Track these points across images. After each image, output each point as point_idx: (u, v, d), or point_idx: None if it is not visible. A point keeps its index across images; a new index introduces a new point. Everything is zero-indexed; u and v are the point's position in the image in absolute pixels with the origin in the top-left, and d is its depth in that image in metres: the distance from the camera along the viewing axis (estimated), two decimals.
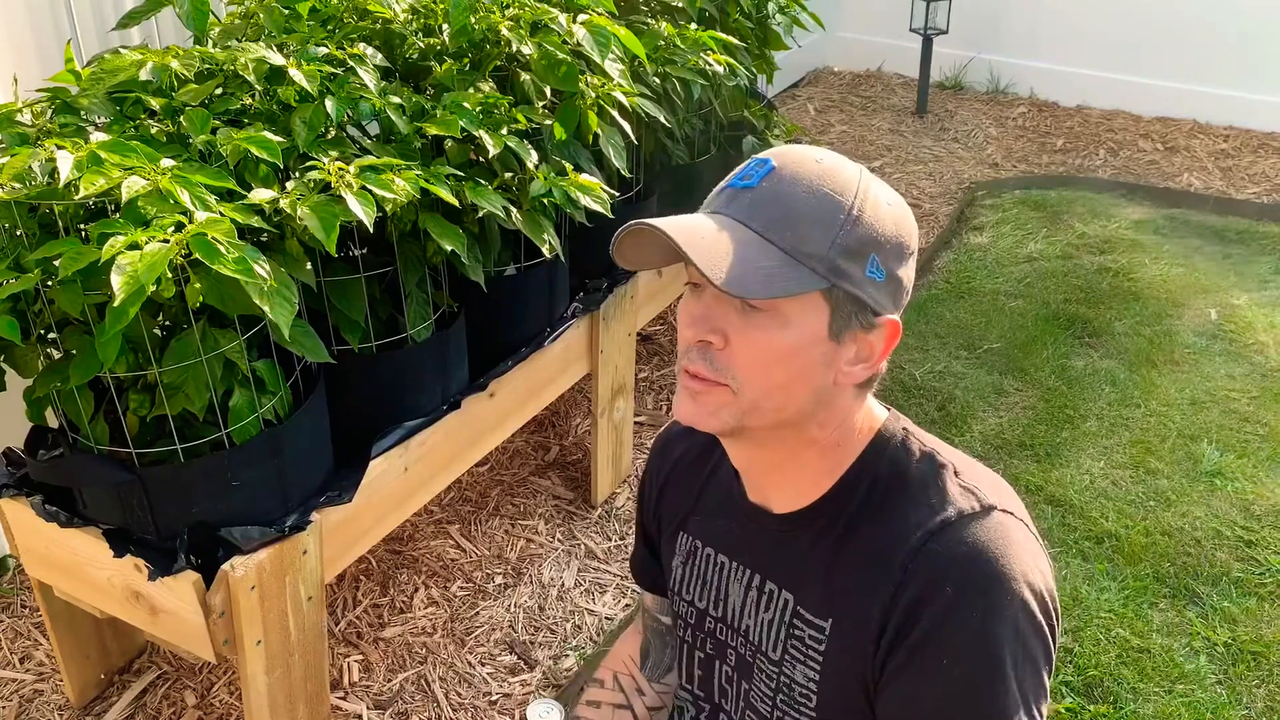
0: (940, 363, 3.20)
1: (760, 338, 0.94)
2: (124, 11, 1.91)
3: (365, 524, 1.85)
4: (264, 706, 1.72)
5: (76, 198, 1.34)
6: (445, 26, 1.96)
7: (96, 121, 1.61)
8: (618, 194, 2.06)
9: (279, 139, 1.52)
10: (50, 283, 1.41)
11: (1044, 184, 4.41)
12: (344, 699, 2.09)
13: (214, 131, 1.54)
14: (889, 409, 1.08)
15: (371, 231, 1.53)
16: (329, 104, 1.63)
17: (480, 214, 1.78)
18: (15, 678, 2.11)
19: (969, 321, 3.42)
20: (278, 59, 1.65)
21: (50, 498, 1.66)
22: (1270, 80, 4.74)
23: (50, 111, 1.62)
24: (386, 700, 2.10)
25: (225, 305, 1.43)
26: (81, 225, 1.49)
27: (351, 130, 1.75)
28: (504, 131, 1.79)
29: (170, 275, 1.31)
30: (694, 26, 2.40)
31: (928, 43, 4.91)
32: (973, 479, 1.01)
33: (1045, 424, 2.91)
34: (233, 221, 1.34)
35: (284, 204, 1.45)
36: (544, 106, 1.97)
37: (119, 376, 1.51)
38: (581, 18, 1.95)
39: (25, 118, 1.61)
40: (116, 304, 1.23)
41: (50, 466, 1.64)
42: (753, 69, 2.76)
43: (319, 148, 1.61)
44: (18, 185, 1.43)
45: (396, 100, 1.73)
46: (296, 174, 1.56)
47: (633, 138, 2.07)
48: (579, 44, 1.91)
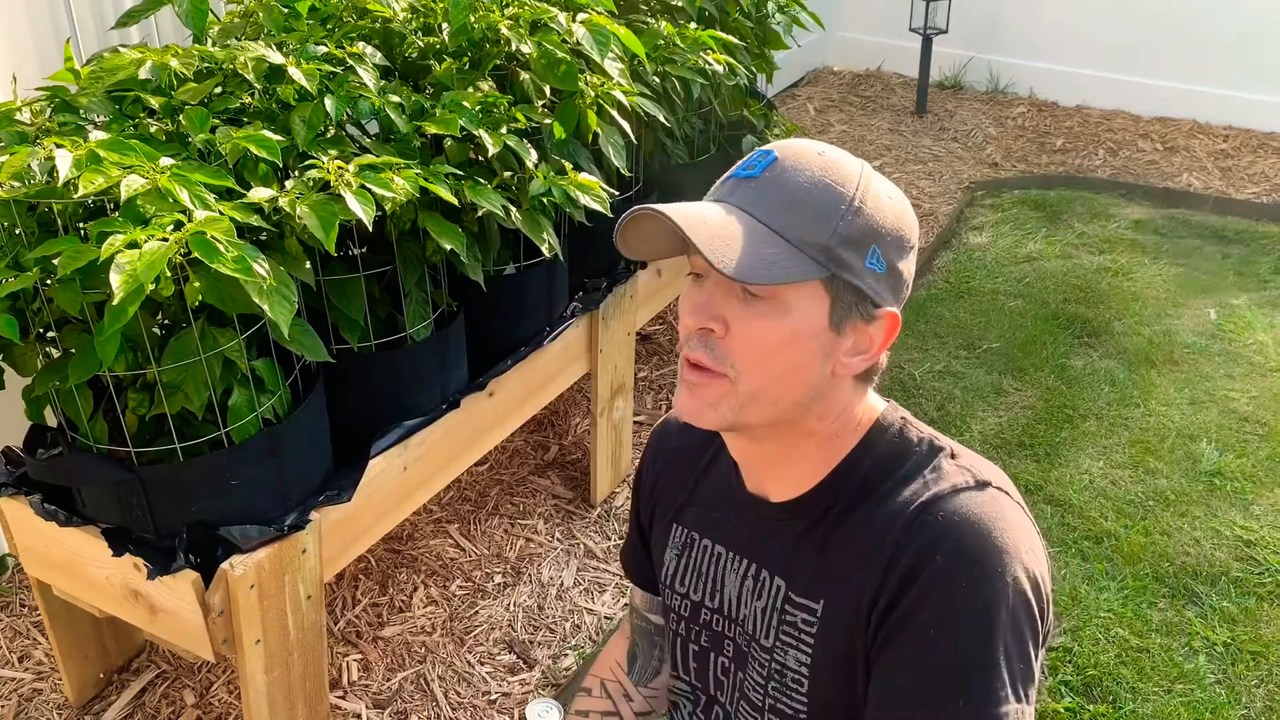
0: (940, 362, 3.20)
1: (761, 325, 0.94)
2: (123, 10, 1.91)
3: (364, 523, 1.85)
4: (263, 705, 1.72)
5: (75, 196, 1.34)
6: (445, 25, 1.96)
7: (95, 120, 1.61)
8: (617, 193, 2.06)
9: (278, 138, 1.52)
10: (49, 281, 1.41)
11: (1043, 184, 4.41)
12: (343, 698, 2.09)
13: (213, 130, 1.54)
14: (888, 400, 1.08)
15: (371, 230, 1.53)
16: (328, 103, 1.63)
17: (479, 213, 1.78)
18: (14, 677, 2.11)
19: (968, 321, 3.42)
20: (277, 58, 1.65)
21: (49, 496, 1.66)
22: (1270, 80, 4.74)
23: (49, 110, 1.62)
24: (385, 699, 2.10)
25: (224, 304, 1.43)
26: (80, 224, 1.49)
27: (351, 129, 1.75)
28: (503, 130, 1.80)
29: (169, 274, 1.31)
30: (694, 26, 2.40)
31: (927, 42, 4.91)
32: (969, 462, 1.01)
33: (1044, 424, 2.91)
34: (232, 220, 1.34)
35: (283, 203, 1.45)
36: (543, 105, 1.97)
37: (118, 375, 1.51)
38: (581, 17, 1.95)
39: (24, 116, 1.60)
40: (115, 303, 1.23)
41: (49, 465, 1.64)
42: (752, 68, 2.76)
43: (318, 146, 1.61)
44: (17, 184, 1.43)
45: (396, 99, 1.73)
46: (296, 173, 1.56)
47: (632, 137, 2.07)
48: (578, 43, 1.91)
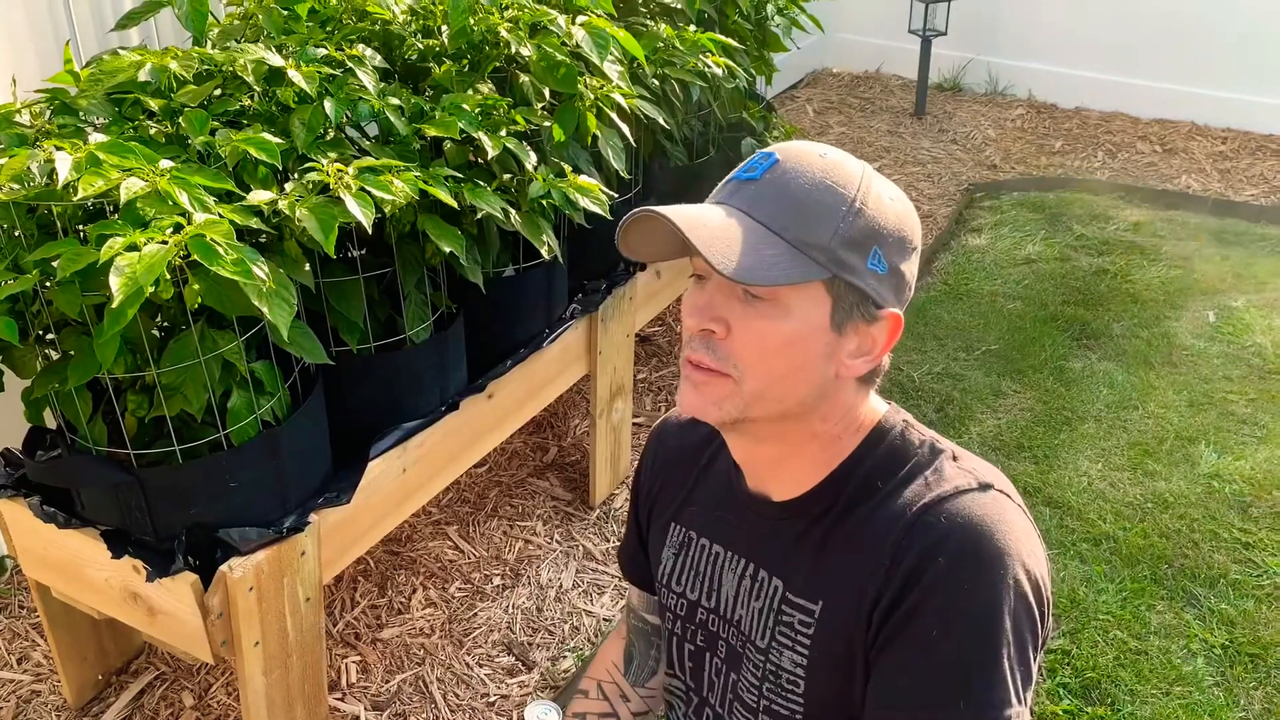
0: (938, 364, 3.20)
1: (762, 327, 0.94)
2: (123, 13, 1.91)
3: (363, 525, 1.85)
4: (262, 707, 1.72)
5: (75, 199, 1.34)
6: (444, 28, 1.96)
7: (95, 122, 1.61)
8: (616, 195, 2.06)
9: (278, 140, 1.52)
10: (49, 284, 1.41)
11: (1042, 186, 4.42)
12: (342, 700, 2.09)
13: (213, 133, 1.55)
14: (889, 403, 1.08)
15: (370, 233, 1.54)
16: (328, 105, 1.63)
17: (479, 215, 1.79)
18: (13, 678, 2.11)
19: (967, 323, 3.42)
20: (276, 60, 1.66)
21: (48, 498, 1.66)
22: (1268, 82, 4.75)
23: (49, 112, 1.62)
24: (384, 701, 2.10)
25: (224, 306, 1.43)
26: (80, 226, 1.49)
27: (350, 131, 1.75)
28: (503, 133, 1.80)
29: (169, 276, 1.31)
30: (693, 28, 2.40)
31: (926, 44, 4.92)
32: (970, 465, 1.02)
33: (1043, 426, 2.91)
34: (231, 223, 1.34)
35: (282, 205, 1.45)
36: (543, 108, 1.97)
37: (117, 377, 1.51)
38: (580, 19, 1.95)
39: (24, 119, 1.61)
40: (115, 305, 1.23)
41: (48, 467, 1.64)
42: (751, 70, 2.76)
43: (318, 149, 1.61)
44: (16, 186, 1.43)
45: (395, 101, 1.73)
46: (295, 175, 1.56)
47: (631, 139, 2.07)
48: (578, 46, 1.91)
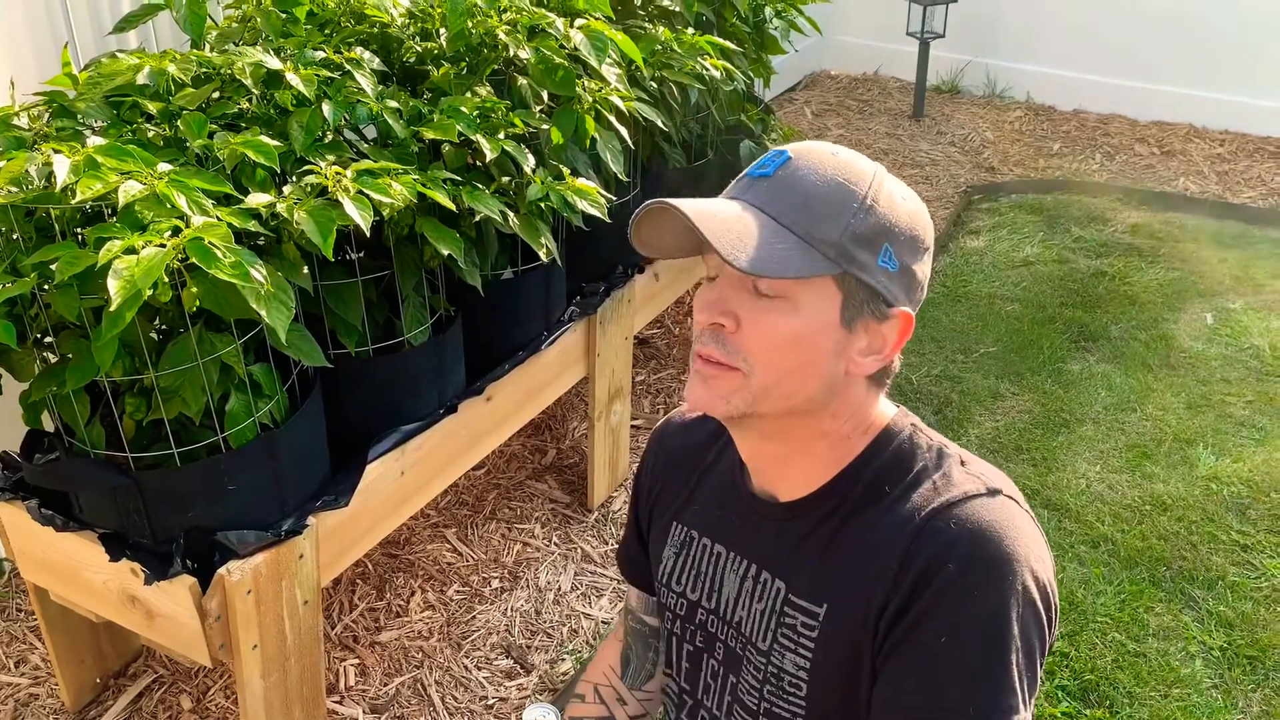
0: (937, 366, 3.20)
1: (772, 321, 0.95)
2: (121, 15, 1.91)
3: (361, 528, 1.85)
4: (260, 711, 1.71)
5: (73, 202, 1.34)
6: (442, 31, 1.96)
7: (93, 125, 1.61)
8: (614, 198, 2.06)
9: (276, 143, 1.52)
10: (47, 287, 1.41)
11: (1040, 188, 4.42)
12: (340, 703, 2.09)
13: (211, 136, 1.55)
14: (898, 406, 1.08)
15: (368, 235, 1.53)
16: (326, 108, 1.63)
17: (477, 218, 1.79)
18: (11, 682, 2.11)
19: (965, 325, 3.42)
20: (275, 63, 1.66)
21: (46, 501, 1.66)
22: (1266, 84, 4.75)
23: (47, 115, 1.62)
24: (383, 704, 2.09)
25: (222, 309, 1.43)
26: (78, 229, 1.50)
27: (348, 134, 1.75)
28: (501, 136, 1.80)
29: (167, 279, 1.31)
30: (691, 31, 2.40)
31: (925, 46, 4.92)
32: (978, 470, 1.02)
33: (1041, 428, 2.92)
34: (229, 226, 1.34)
35: (281, 208, 1.45)
36: (541, 111, 1.97)
37: (115, 380, 1.51)
38: (579, 22, 1.95)
39: (22, 121, 1.61)
40: (113, 308, 1.23)
41: (46, 470, 1.64)
42: (749, 73, 2.77)
43: (316, 152, 1.61)
44: (14, 189, 1.43)
45: (394, 104, 1.73)
46: (293, 178, 1.56)
47: (630, 142, 2.07)
48: (576, 48, 1.91)
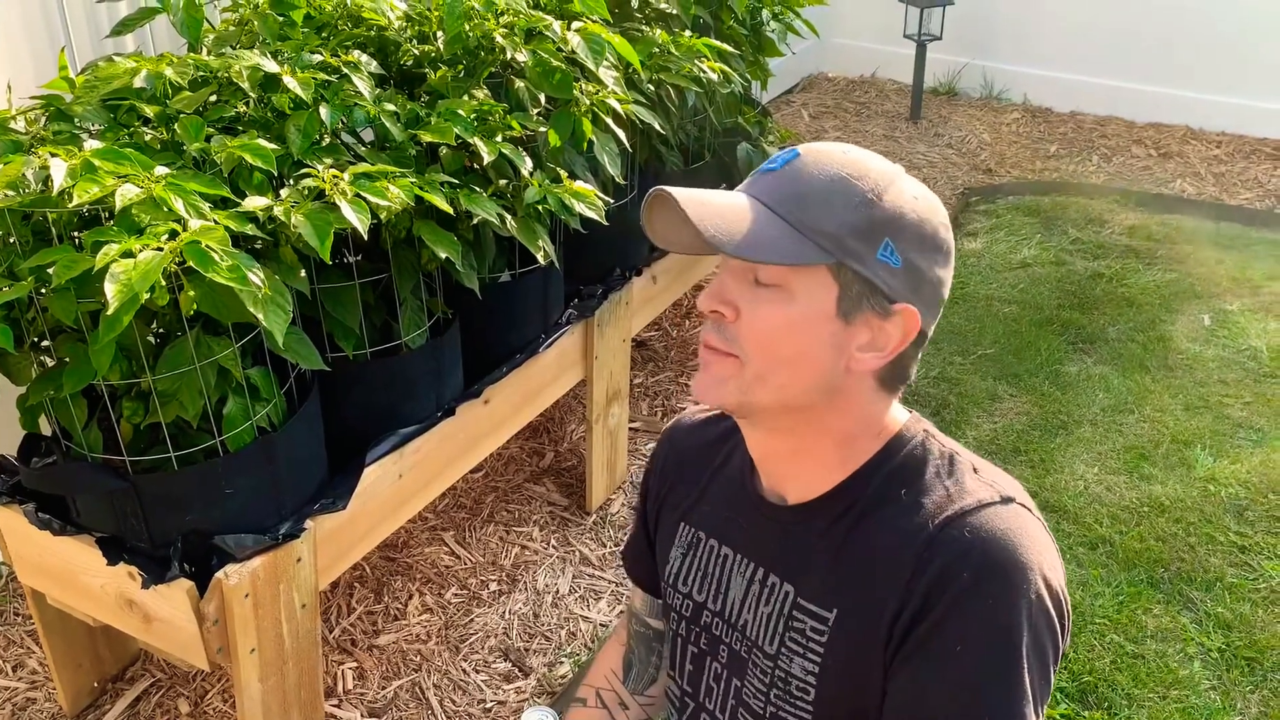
0: (934, 368, 3.20)
1: (768, 310, 0.96)
2: (118, 19, 1.91)
3: (359, 531, 1.84)
4: (258, 714, 1.71)
5: (70, 205, 1.34)
6: (440, 33, 1.96)
7: (90, 129, 1.61)
8: (612, 201, 2.06)
9: (273, 146, 1.52)
10: (44, 290, 1.41)
11: (1038, 189, 4.42)
12: (338, 707, 2.08)
13: (208, 139, 1.55)
14: (911, 412, 1.08)
15: (366, 239, 1.53)
16: (323, 111, 1.63)
17: (475, 221, 1.79)
18: (8, 686, 2.10)
19: (963, 327, 3.43)
20: (272, 66, 1.66)
21: (43, 505, 1.66)
22: (1263, 86, 4.76)
23: (44, 119, 1.62)
24: (381, 708, 2.09)
25: (219, 313, 1.43)
26: (75, 233, 1.49)
27: (346, 137, 1.75)
28: (499, 138, 1.80)
29: (164, 283, 1.31)
30: (688, 34, 2.41)
31: (922, 49, 4.93)
32: (991, 477, 1.02)
33: (1039, 429, 2.92)
34: (227, 229, 1.34)
35: (278, 212, 1.45)
36: (539, 113, 1.97)
37: (113, 384, 1.51)
38: (576, 25, 1.95)
39: (19, 125, 1.61)
40: (110, 312, 1.23)
41: (43, 474, 1.64)
42: (747, 76, 2.77)
43: (313, 155, 1.61)
44: (11, 193, 1.43)
45: (391, 107, 1.73)
46: (291, 181, 1.56)
47: (627, 145, 2.07)
48: (573, 51, 1.91)
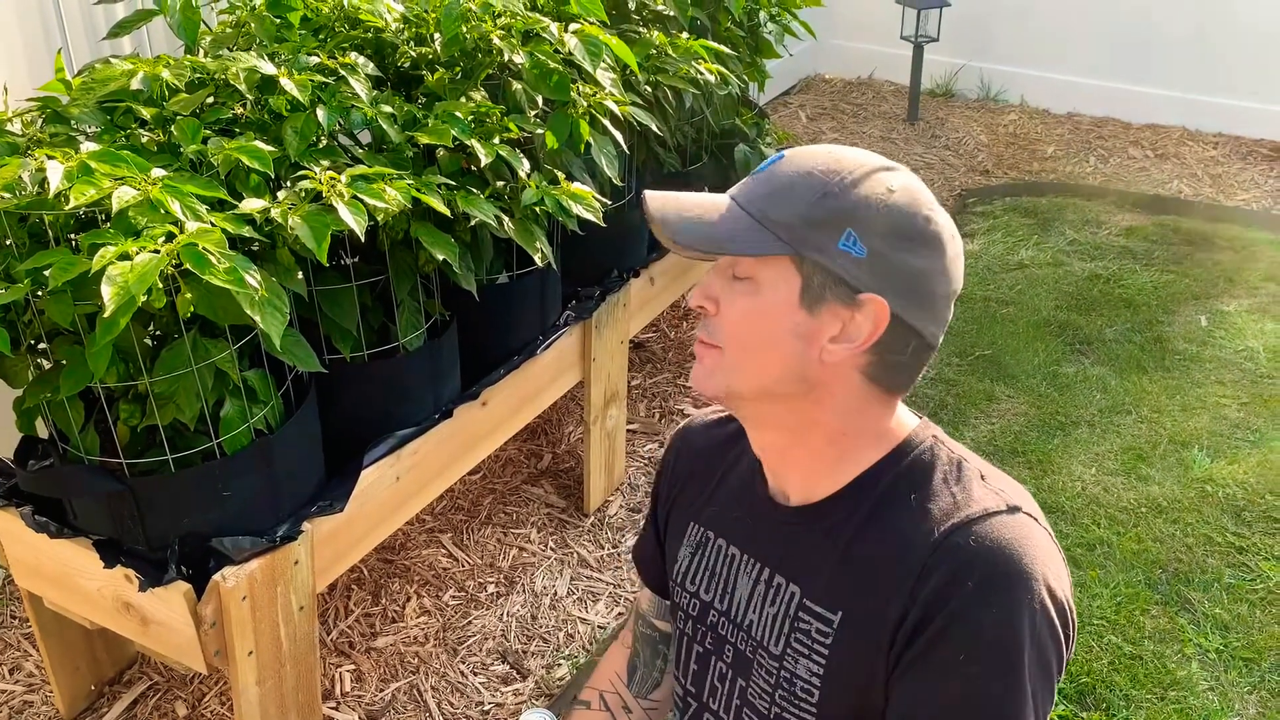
0: (932, 369, 3.20)
1: (740, 302, 0.99)
2: (115, 21, 1.90)
3: (357, 533, 1.84)
4: (256, 717, 1.71)
5: (67, 208, 1.34)
6: (437, 35, 1.96)
7: (87, 131, 1.61)
8: (610, 202, 2.06)
9: (270, 148, 1.52)
10: (40, 293, 1.41)
11: (1035, 191, 4.43)
12: (336, 709, 2.08)
13: (205, 141, 1.54)
14: (921, 417, 1.08)
15: (363, 240, 1.53)
16: (320, 113, 1.63)
17: (472, 223, 1.78)
18: (5, 689, 2.10)
19: (960, 328, 3.43)
20: (269, 68, 1.65)
21: (40, 508, 1.65)
22: (1260, 87, 4.77)
23: (40, 121, 1.62)
24: (379, 710, 2.09)
25: (216, 315, 1.43)
26: (72, 235, 1.49)
27: (343, 139, 1.75)
28: (496, 140, 1.79)
29: (161, 285, 1.31)
30: (685, 35, 2.41)
31: (919, 50, 4.93)
32: (999, 485, 1.02)
33: (1037, 430, 2.92)
34: (224, 231, 1.34)
35: (275, 214, 1.45)
36: (536, 115, 1.97)
37: (109, 387, 1.51)
38: (573, 27, 1.95)
39: (15, 127, 1.60)
40: (107, 314, 1.22)
41: (40, 477, 1.64)
42: (744, 77, 2.77)
43: (310, 157, 1.61)
44: (7, 195, 1.43)
45: (388, 109, 1.73)
46: (288, 183, 1.56)
47: (625, 146, 2.07)
48: (571, 53, 1.91)
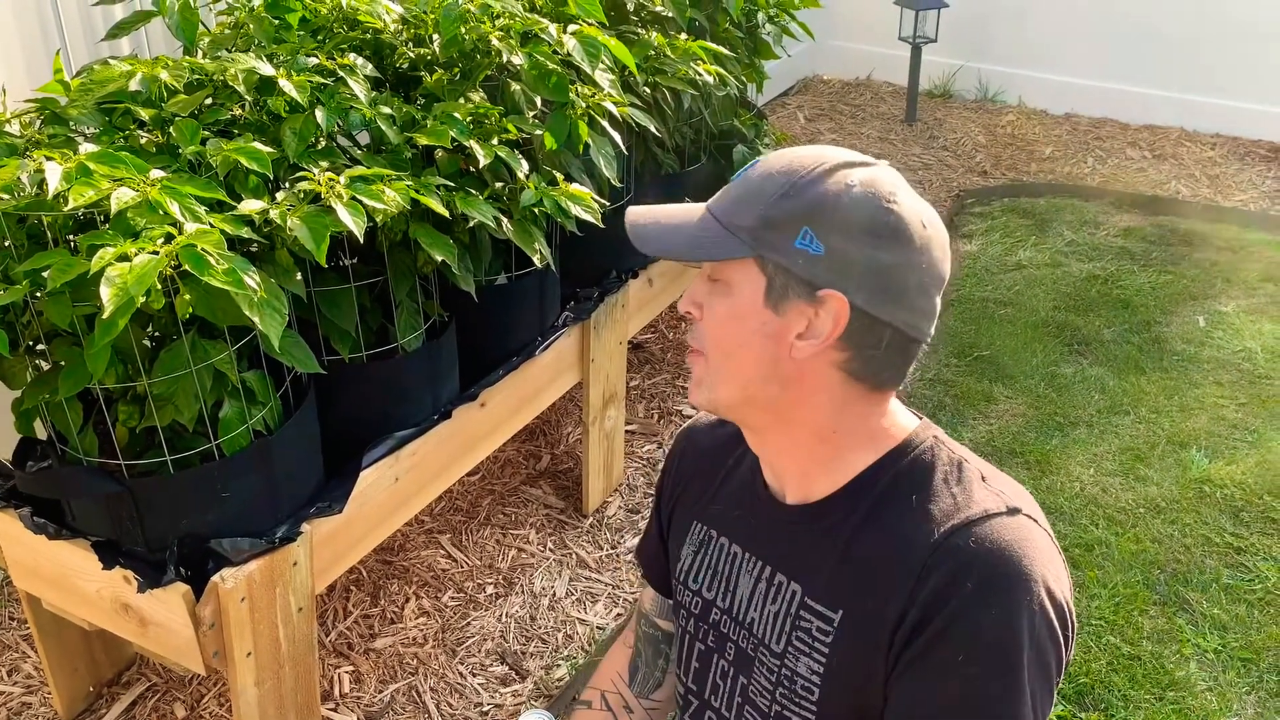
0: (930, 370, 3.21)
1: (717, 306, 1.02)
2: (113, 22, 1.90)
3: (356, 534, 1.84)
4: (254, 718, 1.71)
5: (65, 209, 1.34)
6: (435, 36, 1.96)
7: (85, 132, 1.61)
8: (608, 203, 2.06)
9: (269, 149, 1.52)
10: (39, 294, 1.41)
11: (1032, 192, 4.43)
12: (335, 710, 2.08)
13: (204, 142, 1.54)
14: (921, 417, 1.08)
15: (362, 241, 1.53)
16: (319, 114, 1.63)
17: (471, 224, 1.78)
18: (3, 690, 2.10)
19: (959, 329, 3.43)
20: (268, 69, 1.65)
21: (39, 509, 1.65)
22: (1257, 88, 4.77)
23: (39, 122, 1.62)
24: (377, 711, 2.09)
25: (215, 316, 1.43)
26: (70, 236, 1.49)
27: (342, 140, 1.75)
28: (494, 141, 1.80)
29: (160, 287, 1.31)
30: (684, 36, 2.41)
31: (917, 51, 4.93)
32: (999, 486, 1.02)
33: (1035, 431, 2.92)
34: (222, 232, 1.34)
35: (274, 215, 1.45)
36: (534, 116, 1.97)
37: (108, 388, 1.51)
38: (572, 28, 1.95)
39: (14, 128, 1.60)
40: (106, 316, 1.22)
41: (39, 478, 1.64)
42: (742, 78, 2.77)
43: (309, 158, 1.61)
44: (6, 196, 1.43)
45: (387, 110, 1.73)
46: (286, 184, 1.56)
47: (623, 147, 2.07)
48: (569, 54, 1.91)
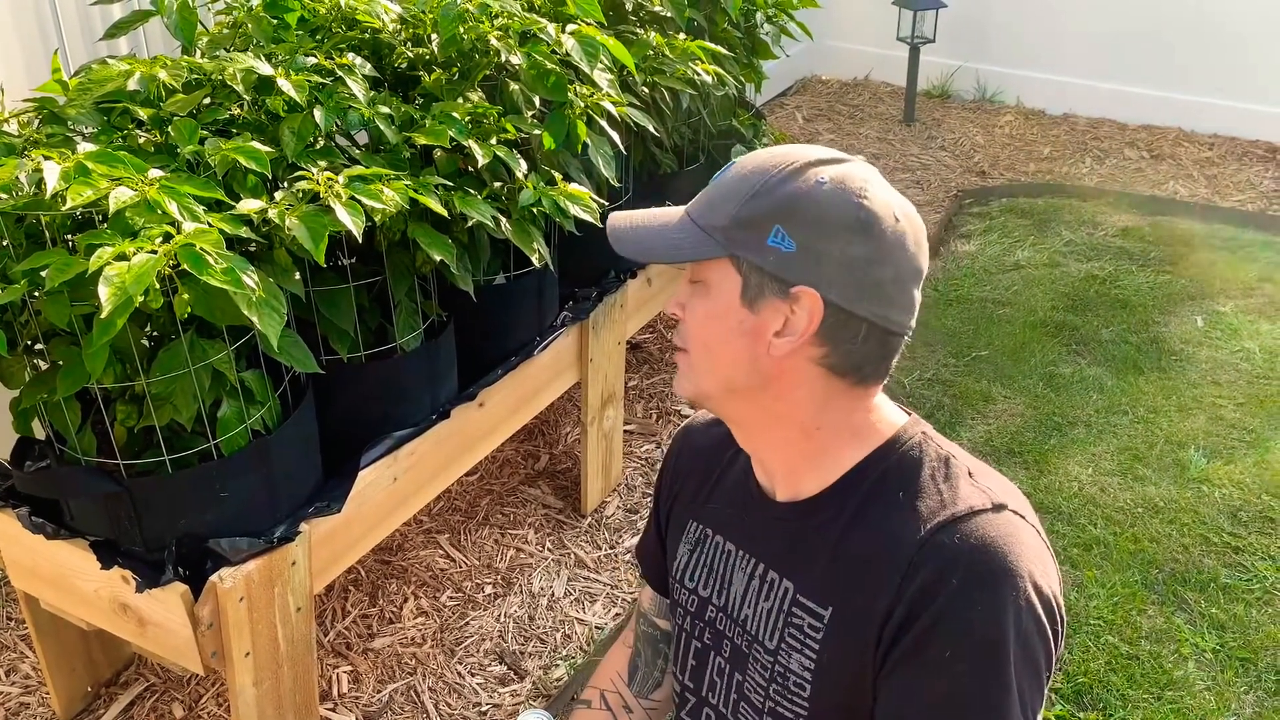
0: (929, 370, 3.21)
1: (698, 306, 1.05)
2: (112, 21, 1.90)
3: (354, 534, 1.84)
4: (253, 718, 1.71)
5: (64, 208, 1.34)
6: (434, 36, 1.96)
7: (84, 132, 1.61)
8: (607, 203, 2.07)
9: (267, 149, 1.52)
10: (37, 294, 1.41)
11: (1031, 192, 4.44)
12: (333, 710, 2.08)
13: (202, 142, 1.54)
14: (909, 413, 1.08)
15: (360, 241, 1.53)
16: (317, 114, 1.63)
17: (469, 223, 1.78)
18: (1, 690, 2.09)
19: (957, 329, 3.43)
20: (266, 69, 1.65)
21: (37, 509, 1.65)
22: (1255, 88, 4.77)
23: (37, 121, 1.61)
24: (376, 711, 2.09)
25: (213, 316, 1.43)
26: (69, 236, 1.49)
27: (340, 140, 1.75)
28: (493, 141, 1.80)
29: (158, 286, 1.31)
30: (682, 36, 2.41)
31: (915, 51, 4.94)
32: (987, 483, 1.02)
33: (1033, 431, 2.92)
34: (221, 232, 1.34)
35: (272, 214, 1.45)
36: (533, 116, 1.97)
37: (106, 388, 1.51)
38: (570, 28, 1.95)
39: (12, 128, 1.60)
40: (104, 315, 1.22)
41: (37, 478, 1.64)
42: (741, 78, 2.77)
43: (307, 158, 1.61)
44: (4, 196, 1.43)
45: (385, 110, 1.73)
46: (285, 184, 1.56)
47: (621, 147, 2.07)
48: (568, 54, 1.91)
